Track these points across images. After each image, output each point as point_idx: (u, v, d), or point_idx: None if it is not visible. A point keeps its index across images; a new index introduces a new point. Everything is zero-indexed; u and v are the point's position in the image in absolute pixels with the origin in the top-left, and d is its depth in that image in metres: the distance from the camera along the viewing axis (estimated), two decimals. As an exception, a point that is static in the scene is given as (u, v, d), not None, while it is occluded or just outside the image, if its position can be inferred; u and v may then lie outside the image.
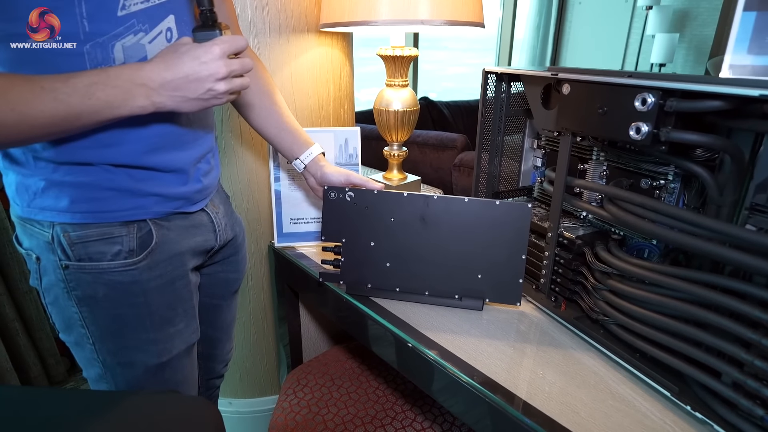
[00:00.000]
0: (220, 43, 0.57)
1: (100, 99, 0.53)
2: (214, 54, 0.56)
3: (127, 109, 0.55)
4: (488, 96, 0.85)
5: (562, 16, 3.99)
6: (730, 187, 0.54)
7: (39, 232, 0.63)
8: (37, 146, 0.59)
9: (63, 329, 0.69)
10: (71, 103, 0.52)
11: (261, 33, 1.03)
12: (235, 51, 0.59)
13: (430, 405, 0.98)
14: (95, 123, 0.55)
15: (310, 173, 0.88)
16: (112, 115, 0.55)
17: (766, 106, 0.46)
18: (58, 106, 0.51)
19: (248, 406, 1.33)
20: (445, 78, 4.24)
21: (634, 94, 0.55)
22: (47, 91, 0.51)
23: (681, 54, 3.33)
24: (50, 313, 0.69)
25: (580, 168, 0.78)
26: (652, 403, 0.59)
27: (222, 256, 0.85)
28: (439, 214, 0.78)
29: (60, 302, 0.66)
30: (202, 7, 0.59)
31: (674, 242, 0.56)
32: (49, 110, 0.51)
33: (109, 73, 0.54)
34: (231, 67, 0.58)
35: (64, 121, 0.53)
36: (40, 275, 0.66)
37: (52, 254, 0.63)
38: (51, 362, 1.55)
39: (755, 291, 0.48)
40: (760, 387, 0.48)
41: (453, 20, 0.94)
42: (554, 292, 0.78)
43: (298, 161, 0.87)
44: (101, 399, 0.65)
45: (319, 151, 0.88)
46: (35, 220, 0.63)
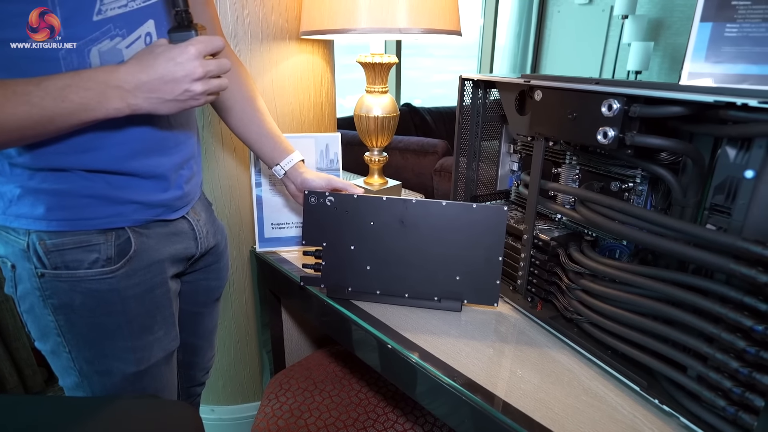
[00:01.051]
0: (195, 43, 0.56)
1: (74, 102, 0.52)
2: (190, 54, 0.56)
3: (102, 112, 0.55)
4: (465, 102, 0.87)
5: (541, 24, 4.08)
6: (693, 189, 0.56)
7: (14, 240, 0.62)
8: (12, 152, 0.59)
9: (38, 337, 0.68)
10: (44, 106, 0.51)
11: (242, 40, 1.03)
12: (212, 51, 0.59)
13: (412, 407, 0.99)
14: (70, 126, 0.55)
15: (290, 180, 0.88)
16: (88, 118, 0.54)
17: (721, 111, 0.49)
18: (30, 109, 0.51)
19: (231, 413, 1.32)
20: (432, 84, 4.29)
21: (600, 100, 0.57)
22: (19, 94, 0.50)
23: (656, 61, 3.42)
24: (25, 321, 0.68)
25: (554, 172, 0.80)
26: (623, 397, 0.61)
27: (203, 264, 0.85)
28: (418, 218, 0.79)
29: (35, 310, 0.65)
30: (177, 8, 0.58)
31: (638, 241, 0.58)
32: (22, 114, 0.51)
33: (82, 75, 0.53)
34: (207, 67, 0.58)
35: (37, 125, 0.52)
36: (15, 283, 0.65)
37: (27, 262, 0.62)
38: (28, 373, 1.52)
39: (715, 287, 0.51)
40: (721, 379, 0.50)
41: (430, 28, 0.97)
42: (530, 293, 0.80)
43: (278, 167, 0.87)
44: (80, 405, 0.65)
45: (299, 158, 0.88)
46: (10, 227, 0.62)
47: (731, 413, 0.49)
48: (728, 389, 0.49)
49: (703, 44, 0.53)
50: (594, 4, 3.69)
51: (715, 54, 0.53)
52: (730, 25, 0.52)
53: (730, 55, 0.52)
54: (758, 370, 0.47)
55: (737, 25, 0.52)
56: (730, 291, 0.49)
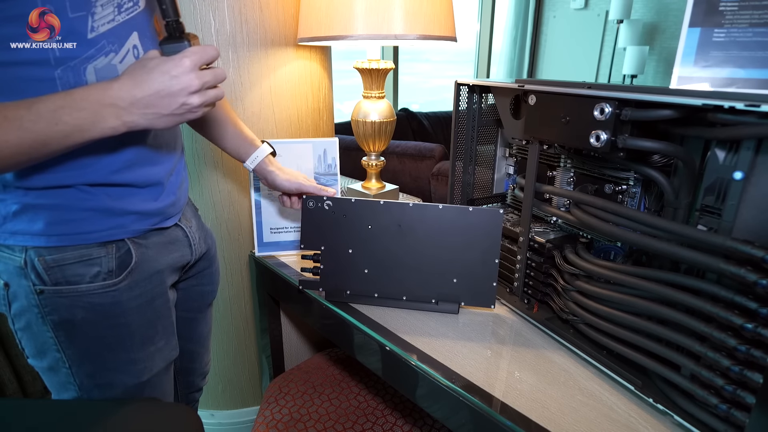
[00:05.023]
0: (190, 54, 0.55)
1: (68, 124, 0.51)
2: (185, 67, 0.54)
3: (98, 132, 0.53)
4: (461, 107, 0.89)
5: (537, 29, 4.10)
6: (684, 191, 0.57)
7: (9, 257, 0.61)
8: (7, 175, 0.57)
9: (34, 354, 0.66)
10: (37, 130, 0.49)
11: (240, 47, 1.05)
12: (207, 62, 0.57)
13: (411, 409, 1.00)
14: (65, 148, 0.53)
15: (262, 177, 0.87)
16: (83, 139, 0.53)
17: (710, 114, 0.50)
18: (23, 135, 0.49)
19: (230, 417, 1.33)
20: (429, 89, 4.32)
21: (593, 104, 0.58)
22: (10, 120, 0.49)
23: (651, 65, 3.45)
24: (20, 339, 0.66)
25: (549, 175, 0.81)
26: (618, 397, 0.62)
27: (196, 270, 0.85)
28: (415, 221, 0.80)
29: (33, 328, 0.63)
30: (168, 18, 0.56)
31: (631, 242, 0.59)
32: (15, 140, 0.49)
33: (74, 95, 0.51)
34: (204, 78, 0.56)
35: (32, 150, 0.50)
36: (8, 301, 0.63)
37: (24, 279, 0.60)
38: (28, 379, 1.52)
39: (707, 287, 0.52)
40: (713, 377, 0.51)
41: (426, 35, 0.98)
42: (527, 295, 0.80)
43: (247, 164, 0.86)
44: (80, 408, 0.65)
45: (266, 153, 0.86)
46: (5, 245, 0.60)
47: (723, 410, 0.50)
48: (720, 387, 0.50)
49: (692, 49, 0.54)
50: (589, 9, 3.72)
51: (703, 58, 0.54)
52: (718, 30, 0.53)
53: (718, 59, 0.53)
54: (749, 368, 0.47)
55: (725, 30, 0.53)
56: (721, 290, 0.50)
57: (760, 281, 0.45)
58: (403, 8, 0.95)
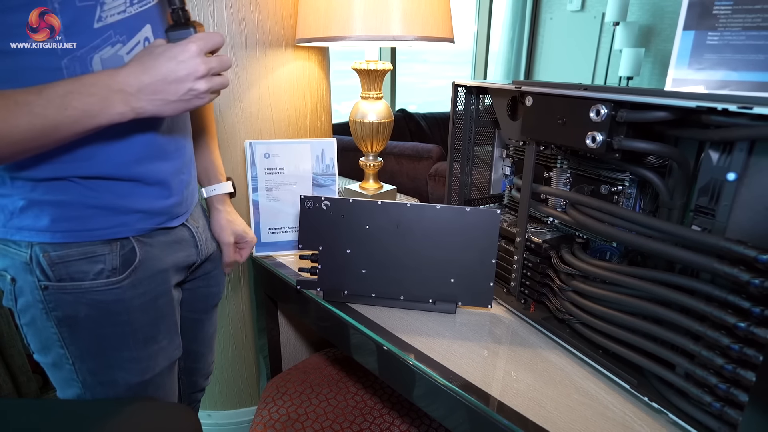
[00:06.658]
0: (195, 40, 0.55)
1: (77, 109, 0.51)
2: (191, 52, 0.55)
3: (107, 118, 0.54)
4: (458, 108, 0.89)
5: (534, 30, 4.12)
6: (679, 191, 0.58)
7: (15, 252, 0.61)
8: (13, 163, 0.57)
9: (39, 350, 0.66)
10: (47, 115, 0.50)
11: (238, 47, 1.05)
12: (212, 48, 0.57)
13: (408, 409, 1.00)
14: (74, 134, 0.53)
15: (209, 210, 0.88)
16: (91, 125, 0.53)
17: (704, 116, 0.50)
18: (33, 119, 0.49)
19: (228, 417, 1.33)
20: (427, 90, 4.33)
21: (589, 105, 0.59)
22: (21, 105, 0.49)
23: (647, 67, 3.47)
24: (25, 334, 0.66)
25: (546, 176, 0.82)
26: (614, 396, 0.62)
27: (203, 271, 0.85)
28: (413, 222, 0.81)
29: (37, 323, 0.64)
30: (174, 6, 0.57)
31: (627, 243, 0.60)
32: (25, 125, 0.49)
33: (84, 81, 0.52)
34: (210, 64, 0.57)
35: (42, 135, 0.51)
36: (15, 296, 0.63)
37: (29, 275, 0.61)
38: (23, 380, 1.52)
39: (701, 286, 0.52)
40: (707, 375, 0.51)
41: (424, 36, 0.99)
42: (523, 295, 0.81)
43: (202, 190, 0.88)
44: (77, 407, 0.65)
45: (225, 191, 0.88)
46: (11, 240, 0.61)
47: (717, 408, 0.51)
48: (714, 385, 0.51)
49: (686, 52, 0.55)
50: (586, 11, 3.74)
51: (697, 61, 0.54)
52: (712, 33, 0.54)
53: (712, 62, 0.54)
54: (742, 366, 0.48)
55: (718, 33, 0.54)
56: (715, 290, 0.50)
57: (753, 281, 0.46)
58: (401, 9, 0.96)
